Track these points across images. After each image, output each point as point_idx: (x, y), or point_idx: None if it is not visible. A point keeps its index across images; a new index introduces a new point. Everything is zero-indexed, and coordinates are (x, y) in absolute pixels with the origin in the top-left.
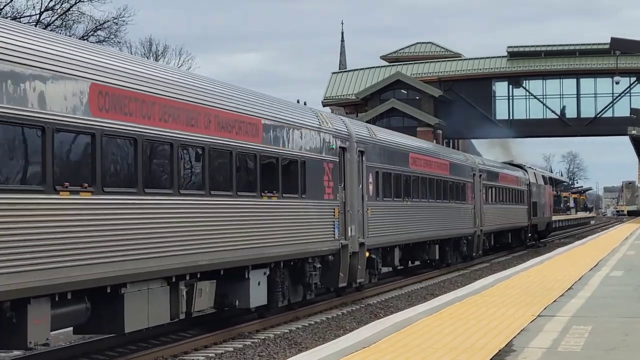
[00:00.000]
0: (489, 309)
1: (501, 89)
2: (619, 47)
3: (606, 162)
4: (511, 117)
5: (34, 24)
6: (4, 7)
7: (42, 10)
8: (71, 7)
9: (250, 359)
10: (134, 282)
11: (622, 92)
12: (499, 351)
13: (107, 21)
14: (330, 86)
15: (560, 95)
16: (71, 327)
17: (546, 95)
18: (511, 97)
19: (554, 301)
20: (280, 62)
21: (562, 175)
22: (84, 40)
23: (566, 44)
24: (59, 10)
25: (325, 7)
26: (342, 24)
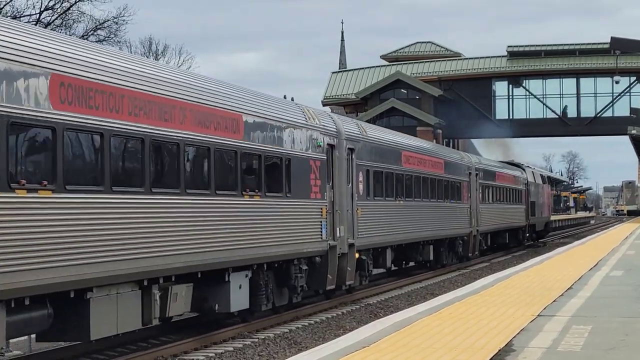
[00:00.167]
0: (489, 309)
1: (501, 88)
2: (619, 46)
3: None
4: (511, 117)
5: (34, 23)
6: (4, 7)
7: (42, 9)
8: (71, 6)
9: (250, 359)
10: (100, 286)
11: (622, 91)
12: (499, 351)
13: (107, 20)
14: (330, 86)
15: (560, 95)
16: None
17: (546, 95)
18: (511, 97)
19: (554, 301)
20: (280, 61)
21: (562, 175)
22: (84, 39)
23: (566, 43)
24: (59, 9)
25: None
26: (342, 23)
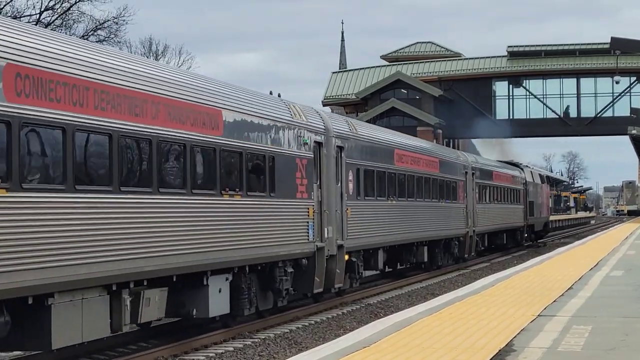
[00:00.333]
0: (489, 309)
1: (501, 88)
2: (619, 46)
3: (606, 162)
4: (511, 117)
5: (34, 23)
6: (4, 7)
7: (42, 9)
8: (71, 6)
9: (250, 359)
10: (63, 291)
11: (622, 91)
12: (499, 351)
13: (107, 21)
14: (330, 86)
15: (560, 95)
16: None
17: (546, 95)
18: (511, 97)
19: (554, 301)
20: (280, 62)
21: (562, 175)
22: (84, 39)
23: (566, 43)
24: (59, 9)
25: (325, 7)
26: (342, 23)
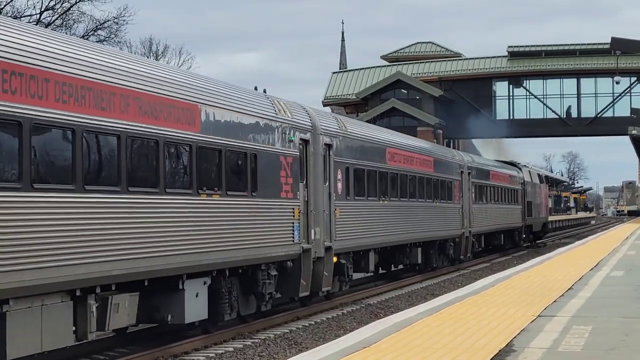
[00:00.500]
0: (489, 309)
1: (501, 88)
2: (619, 46)
3: (606, 162)
4: (511, 117)
5: (35, 23)
6: (4, 7)
7: (42, 9)
8: (71, 6)
9: (250, 359)
10: (19, 297)
11: (623, 92)
12: (499, 351)
13: (108, 21)
14: (330, 86)
15: (560, 95)
16: None
17: (546, 95)
18: (511, 97)
19: (554, 301)
20: (280, 62)
21: (562, 175)
22: (84, 39)
23: (566, 43)
24: (59, 9)
25: (325, 7)
26: (342, 23)
